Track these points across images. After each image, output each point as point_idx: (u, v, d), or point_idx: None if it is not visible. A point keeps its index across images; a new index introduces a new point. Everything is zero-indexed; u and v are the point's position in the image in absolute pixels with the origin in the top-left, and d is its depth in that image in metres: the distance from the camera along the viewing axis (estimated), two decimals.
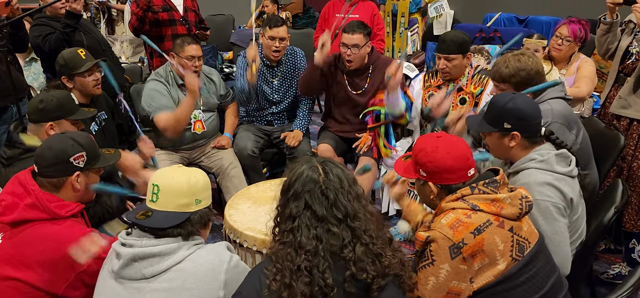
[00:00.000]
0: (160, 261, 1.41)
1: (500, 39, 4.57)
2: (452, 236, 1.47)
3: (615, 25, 2.74)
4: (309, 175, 1.37)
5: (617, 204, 1.98)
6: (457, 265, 1.47)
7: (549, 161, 1.79)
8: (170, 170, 1.51)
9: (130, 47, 5.59)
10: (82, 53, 2.63)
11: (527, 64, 2.13)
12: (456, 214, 1.51)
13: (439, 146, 1.59)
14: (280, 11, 6.04)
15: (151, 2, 3.37)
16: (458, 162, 1.57)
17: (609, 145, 2.40)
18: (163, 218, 1.44)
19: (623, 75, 2.76)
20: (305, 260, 1.30)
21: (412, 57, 4.55)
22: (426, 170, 1.60)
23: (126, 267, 1.42)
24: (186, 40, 2.98)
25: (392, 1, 4.64)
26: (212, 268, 1.44)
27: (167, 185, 1.46)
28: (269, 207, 1.48)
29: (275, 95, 3.33)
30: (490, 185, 1.55)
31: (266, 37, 3.15)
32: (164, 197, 1.46)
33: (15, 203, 1.66)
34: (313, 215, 1.33)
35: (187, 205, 1.47)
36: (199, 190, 1.49)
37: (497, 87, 2.23)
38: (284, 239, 1.35)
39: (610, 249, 2.94)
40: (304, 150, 3.20)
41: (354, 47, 2.96)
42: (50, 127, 2.14)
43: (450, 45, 2.68)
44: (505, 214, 1.51)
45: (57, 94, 2.21)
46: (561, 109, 2.12)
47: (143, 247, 1.42)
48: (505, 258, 1.48)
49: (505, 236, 1.49)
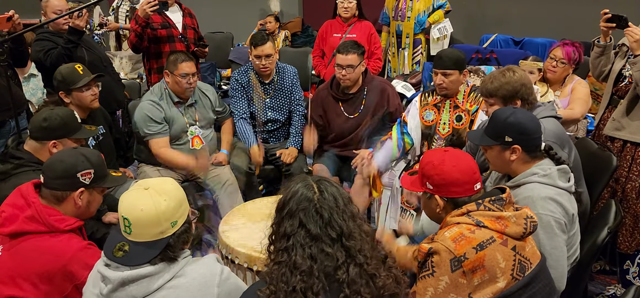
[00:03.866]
0: (151, 282, 1.39)
1: (497, 60, 4.60)
2: (454, 249, 1.48)
3: (609, 48, 2.77)
4: (303, 193, 1.36)
5: (611, 225, 1.99)
6: (456, 278, 1.48)
7: (552, 176, 1.81)
8: (136, 199, 1.40)
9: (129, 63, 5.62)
10: (79, 68, 2.64)
11: (512, 78, 2.17)
12: (460, 228, 1.53)
13: (445, 159, 1.62)
14: (281, 30, 6.11)
15: (150, 19, 3.41)
16: (464, 175, 1.59)
17: (602, 166, 2.41)
18: (141, 253, 1.39)
19: (616, 98, 2.79)
20: (300, 281, 1.28)
21: (409, 76, 4.58)
22: (433, 182, 1.62)
23: (115, 291, 1.39)
24: (179, 58, 2.98)
25: (397, 22, 4.69)
26: (204, 281, 1.43)
27: (137, 218, 1.39)
28: (264, 224, 1.47)
29: (269, 113, 3.35)
30: (496, 203, 1.57)
31: (252, 57, 3.20)
32: (137, 229, 1.39)
33: (16, 215, 1.67)
34: (307, 234, 1.32)
35: (163, 231, 1.40)
36: (171, 214, 1.41)
37: (486, 102, 2.28)
38: (278, 258, 1.34)
39: (606, 270, 2.94)
40: (299, 167, 3.21)
41: (348, 68, 3.00)
42: (53, 145, 2.15)
43: (446, 62, 2.71)
44: (509, 232, 1.53)
45: (60, 113, 2.21)
46: (553, 128, 2.15)
47: (131, 270, 1.38)
48: (506, 276, 1.49)
49: (507, 254, 1.50)
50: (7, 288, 1.62)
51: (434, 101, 2.87)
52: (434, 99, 2.88)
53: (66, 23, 3.10)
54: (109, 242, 1.44)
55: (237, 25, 6.57)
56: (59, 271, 1.60)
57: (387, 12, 4.82)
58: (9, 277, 1.63)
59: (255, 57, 3.18)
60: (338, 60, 3.03)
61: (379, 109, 3.12)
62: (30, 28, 3.01)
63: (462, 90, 2.80)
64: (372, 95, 3.11)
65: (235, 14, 6.89)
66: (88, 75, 2.64)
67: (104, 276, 1.41)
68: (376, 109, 3.11)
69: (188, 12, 3.74)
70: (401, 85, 4.17)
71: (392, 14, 4.76)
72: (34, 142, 2.16)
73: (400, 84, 4.18)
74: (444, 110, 2.82)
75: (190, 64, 2.99)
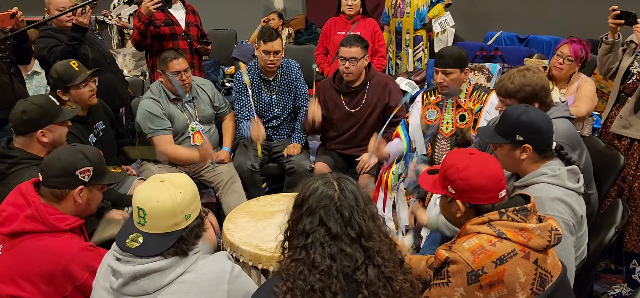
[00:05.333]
0: (162, 276, 1.39)
1: (501, 58, 4.58)
2: (472, 262, 1.42)
3: (617, 45, 2.75)
4: (324, 191, 1.33)
5: (618, 224, 1.97)
6: (472, 291, 1.42)
7: (561, 176, 1.78)
8: (153, 190, 1.42)
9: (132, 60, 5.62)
10: (74, 65, 2.63)
11: (533, 79, 2.13)
12: (480, 240, 1.46)
13: (470, 164, 1.53)
14: (284, 27, 6.09)
15: (153, 17, 3.39)
16: (490, 182, 1.51)
17: (609, 165, 2.39)
18: (155, 243, 1.40)
19: (624, 95, 2.76)
20: (319, 281, 1.26)
21: (413, 74, 4.55)
22: (455, 187, 1.54)
23: (127, 285, 1.39)
24: (169, 56, 2.96)
25: (396, 19, 4.67)
26: (215, 278, 1.42)
27: (153, 209, 1.40)
28: (268, 222, 1.46)
29: (275, 109, 3.34)
30: (520, 213, 1.49)
31: (261, 51, 3.18)
32: (152, 221, 1.41)
33: (16, 214, 1.66)
34: (327, 233, 1.29)
35: (176, 223, 1.42)
36: (186, 206, 1.43)
37: (502, 102, 2.22)
38: (296, 256, 1.31)
39: (611, 269, 2.92)
40: (303, 165, 3.20)
41: (352, 60, 3.00)
42: (42, 134, 2.13)
43: (447, 60, 2.69)
44: (532, 246, 1.45)
45: (37, 101, 2.17)
46: (565, 130, 2.12)
47: (143, 264, 1.38)
48: (525, 291, 1.43)
49: (528, 268, 1.44)
50: (7, 287, 1.61)
51: (436, 100, 2.85)
52: (436, 97, 2.86)
53: (69, 20, 3.10)
54: (121, 233, 1.45)
55: (241, 22, 6.56)
56: (59, 272, 1.59)
57: (387, 11, 4.80)
58: (9, 276, 1.62)
59: (264, 52, 3.16)
60: (341, 53, 3.02)
61: (380, 104, 3.11)
62: (33, 25, 3.01)
63: (464, 89, 2.78)
64: (374, 90, 3.11)
65: (238, 11, 6.89)
66: (84, 71, 2.63)
67: (115, 270, 1.40)
68: (377, 104, 3.10)
69: (191, 9, 3.73)
70: (405, 82, 4.15)
71: (392, 12, 4.74)
72: (22, 137, 2.13)
73: (404, 81, 4.15)
74: (447, 109, 2.80)
75: (180, 60, 2.97)
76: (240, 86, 3.30)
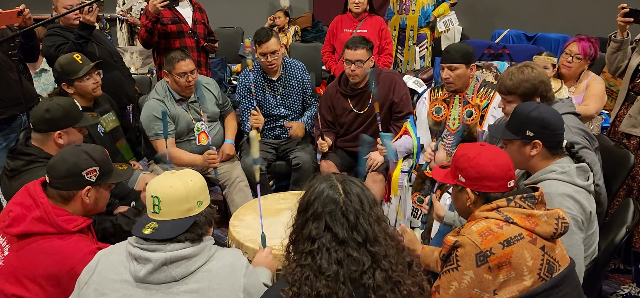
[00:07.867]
0: (190, 263, 1.40)
1: (509, 56, 4.54)
2: (480, 243, 1.46)
3: (626, 43, 2.73)
4: (329, 194, 1.32)
5: (629, 224, 1.96)
6: (481, 274, 1.45)
7: (570, 173, 1.79)
8: (165, 179, 1.48)
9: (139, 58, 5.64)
10: (78, 58, 2.64)
11: (531, 75, 2.13)
12: (488, 223, 1.50)
13: (481, 152, 1.59)
14: (291, 24, 6.09)
15: (160, 14, 3.40)
16: (500, 170, 1.56)
17: (619, 164, 2.37)
18: (171, 228, 1.42)
19: (633, 94, 2.74)
20: (326, 286, 1.25)
21: (420, 72, 4.53)
22: (466, 175, 1.60)
23: (156, 271, 1.39)
24: (176, 57, 2.95)
25: (401, 15, 4.65)
26: (232, 269, 1.44)
27: (167, 194, 1.44)
28: (274, 220, 1.46)
29: (282, 109, 3.34)
30: (527, 200, 1.54)
31: (258, 54, 3.18)
32: (166, 207, 1.44)
33: (24, 215, 1.66)
34: (334, 238, 1.28)
35: (189, 209, 1.45)
36: (198, 192, 1.48)
37: (504, 99, 2.23)
38: (302, 261, 1.30)
39: (620, 269, 2.90)
40: (309, 162, 3.21)
41: (357, 63, 2.99)
42: (59, 135, 2.14)
43: (454, 55, 2.69)
44: (539, 231, 1.49)
45: (62, 102, 2.19)
46: (577, 123, 2.12)
47: (173, 251, 1.40)
48: (533, 275, 1.45)
49: (535, 253, 1.47)
50: (13, 287, 1.61)
51: (444, 96, 2.84)
52: (443, 94, 2.85)
53: (77, 18, 3.11)
54: (137, 225, 1.47)
55: (248, 20, 6.56)
56: (66, 274, 1.59)
57: (392, 7, 4.78)
58: (15, 277, 1.62)
59: (261, 54, 3.17)
60: (347, 56, 3.02)
61: (387, 101, 3.11)
62: (40, 23, 3.02)
63: (472, 85, 2.77)
64: (380, 88, 3.10)
65: (245, 9, 6.89)
66: (88, 64, 2.64)
67: (141, 257, 1.39)
68: (384, 102, 3.10)
69: (198, 7, 3.73)
70: (412, 80, 4.13)
71: (397, 8, 4.72)
72: (39, 134, 2.14)
73: (411, 79, 4.14)
74: (454, 105, 2.79)
75: (187, 61, 2.96)
76: (243, 90, 3.31)
